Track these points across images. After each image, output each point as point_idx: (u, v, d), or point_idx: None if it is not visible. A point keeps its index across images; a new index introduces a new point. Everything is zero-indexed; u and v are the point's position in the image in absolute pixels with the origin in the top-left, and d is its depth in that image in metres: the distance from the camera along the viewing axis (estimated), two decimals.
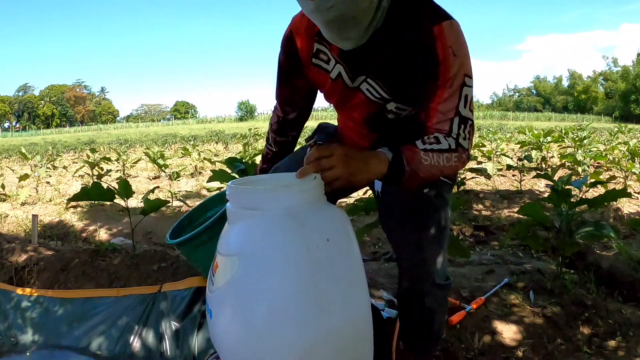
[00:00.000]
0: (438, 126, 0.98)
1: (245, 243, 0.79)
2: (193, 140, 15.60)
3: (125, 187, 2.34)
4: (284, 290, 0.76)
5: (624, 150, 6.24)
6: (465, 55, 0.96)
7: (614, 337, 1.58)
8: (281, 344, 0.76)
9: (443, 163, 0.95)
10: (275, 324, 0.76)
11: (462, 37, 0.97)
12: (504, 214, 3.85)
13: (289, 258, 0.76)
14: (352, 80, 1.08)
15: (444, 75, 0.96)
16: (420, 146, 0.94)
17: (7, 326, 1.81)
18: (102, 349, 1.68)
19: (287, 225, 0.77)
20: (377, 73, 1.05)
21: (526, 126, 12.34)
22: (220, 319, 0.83)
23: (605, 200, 1.87)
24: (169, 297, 1.71)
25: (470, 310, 1.68)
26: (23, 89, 77.19)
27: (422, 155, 0.93)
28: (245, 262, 0.78)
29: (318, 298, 0.75)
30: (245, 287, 0.78)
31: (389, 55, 1.00)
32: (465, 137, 0.98)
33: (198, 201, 4.74)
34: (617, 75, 56.21)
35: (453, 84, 0.96)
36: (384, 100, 1.08)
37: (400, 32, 0.97)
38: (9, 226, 3.94)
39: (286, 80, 1.24)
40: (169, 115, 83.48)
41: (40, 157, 9.13)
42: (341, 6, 0.85)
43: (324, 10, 0.85)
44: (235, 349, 0.81)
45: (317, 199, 0.83)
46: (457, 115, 0.97)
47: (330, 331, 0.77)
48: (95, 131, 45.03)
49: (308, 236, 0.76)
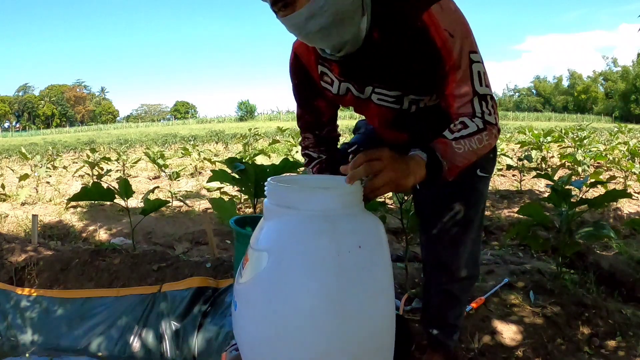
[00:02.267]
0: (460, 110, 0.96)
1: (276, 240, 0.80)
2: (193, 140, 15.59)
3: (125, 187, 2.34)
4: (308, 291, 0.75)
5: (624, 150, 6.25)
6: (464, 33, 0.93)
7: (614, 337, 1.58)
8: (298, 344, 0.76)
9: (476, 145, 0.93)
10: (295, 323, 0.76)
11: (455, 15, 0.93)
12: (504, 214, 3.86)
13: (317, 259, 0.75)
14: (361, 93, 1.08)
15: (448, 60, 0.93)
16: (450, 136, 0.92)
17: (7, 326, 1.81)
18: (101, 349, 1.68)
19: (319, 227, 0.77)
20: (382, 79, 1.04)
21: (526, 126, 12.35)
22: (243, 312, 0.84)
23: (606, 200, 1.87)
24: (168, 297, 1.71)
25: (470, 310, 1.68)
26: (23, 89, 77.22)
27: (454, 145, 0.90)
28: (274, 259, 0.78)
29: (341, 303, 0.74)
30: (270, 283, 0.78)
31: (388, 57, 0.99)
32: (490, 113, 0.96)
33: (198, 201, 4.74)
34: (617, 75, 56.22)
35: (461, 65, 0.93)
36: (398, 100, 1.07)
37: (391, 30, 0.95)
38: (9, 226, 3.94)
39: (307, 105, 1.20)
40: (169, 115, 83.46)
41: (40, 157, 9.12)
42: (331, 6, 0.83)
43: (317, 16, 0.84)
44: (253, 343, 0.82)
45: (354, 204, 0.82)
46: (475, 94, 0.95)
47: (349, 338, 0.76)
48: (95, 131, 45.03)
49: (340, 240, 0.76)
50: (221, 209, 2.21)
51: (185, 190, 5.65)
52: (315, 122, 1.24)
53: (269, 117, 52.88)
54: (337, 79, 1.07)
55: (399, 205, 1.80)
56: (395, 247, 3.03)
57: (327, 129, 1.26)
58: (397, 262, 2.45)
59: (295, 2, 0.83)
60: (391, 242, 3.23)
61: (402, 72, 1.00)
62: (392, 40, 0.96)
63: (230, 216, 2.14)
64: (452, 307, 1.31)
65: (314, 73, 1.09)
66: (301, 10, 0.83)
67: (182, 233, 3.60)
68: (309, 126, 1.26)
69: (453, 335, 1.37)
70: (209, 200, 2.57)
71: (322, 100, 1.16)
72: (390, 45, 0.97)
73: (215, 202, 2.28)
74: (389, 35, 0.96)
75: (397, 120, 1.13)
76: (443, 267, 1.25)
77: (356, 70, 1.03)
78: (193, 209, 4.38)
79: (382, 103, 1.08)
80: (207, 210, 4.18)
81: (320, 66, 1.07)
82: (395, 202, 2.28)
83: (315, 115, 1.22)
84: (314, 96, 1.15)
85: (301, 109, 1.23)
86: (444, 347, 1.39)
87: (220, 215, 2.31)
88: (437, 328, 1.35)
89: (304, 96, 1.18)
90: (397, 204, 1.81)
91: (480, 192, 1.21)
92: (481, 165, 1.19)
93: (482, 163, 1.19)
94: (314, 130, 1.26)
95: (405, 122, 1.13)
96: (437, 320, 1.36)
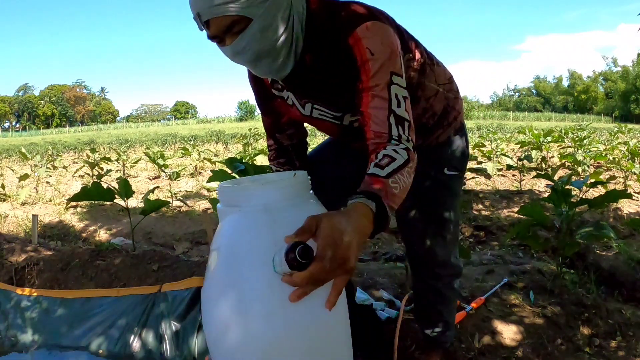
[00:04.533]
0: (376, 128, 0.90)
1: (222, 238, 0.83)
2: (193, 140, 15.60)
3: (125, 187, 2.34)
4: (251, 284, 0.78)
5: (624, 150, 6.24)
6: (387, 54, 0.90)
7: (614, 337, 1.58)
8: (249, 336, 0.78)
9: (408, 181, 0.86)
10: (243, 316, 0.78)
11: (381, 36, 0.91)
12: (504, 214, 3.86)
13: (258, 253, 0.78)
14: (302, 107, 1.08)
15: (365, 78, 0.90)
16: (381, 172, 0.82)
17: (7, 326, 1.81)
18: (101, 349, 1.68)
19: (258, 221, 0.80)
20: (318, 97, 1.04)
21: (526, 126, 12.34)
22: (205, 315, 0.87)
23: (606, 200, 1.87)
24: (169, 298, 1.71)
25: (470, 310, 1.68)
26: (23, 89, 77.23)
27: (391, 184, 0.82)
28: (222, 257, 0.82)
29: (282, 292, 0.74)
30: (218, 280, 0.82)
31: (320, 77, 0.99)
32: (408, 139, 0.90)
33: (198, 201, 4.74)
34: (617, 75, 56.22)
35: (377, 83, 0.90)
36: (337, 118, 1.07)
37: (322, 53, 0.96)
38: (9, 226, 3.94)
39: (266, 107, 1.19)
40: (169, 115, 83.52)
41: (40, 157, 9.13)
42: (253, 45, 0.87)
43: (241, 53, 0.88)
44: (213, 340, 0.85)
45: (297, 196, 0.84)
46: (392, 113, 0.89)
47: (296, 326, 0.78)
48: (95, 131, 45.03)
49: (278, 232, 0.76)
50: None
51: (185, 190, 5.65)
52: (274, 124, 1.22)
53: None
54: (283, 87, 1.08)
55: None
56: (395, 247, 3.03)
57: (288, 132, 1.22)
58: (397, 262, 2.45)
59: (224, 40, 0.88)
60: (391, 242, 3.23)
61: (334, 92, 1.01)
62: (322, 63, 0.97)
63: None
64: (439, 303, 1.34)
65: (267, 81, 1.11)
66: (227, 48, 0.88)
67: (182, 233, 3.60)
68: (270, 130, 1.24)
69: (447, 332, 1.39)
70: (209, 200, 2.58)
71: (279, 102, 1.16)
72: (321, 67, 0.97)
73: (215, 202, 2.27)
74: (320, 58, 0.96)
75: (345, 133, 1.12)
76: (423, 265, 1.30)
77: (295, 86, 1.05)
78: (193, 209, 4.38)
79: (323, 118, 1.09)
80: (207, 210, 4.18)
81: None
82: None
83: (273, 117, 1.21)
84: (271, 98, 1.15)
85: (262, 113, 1.23)
86: (439, 345, 1.41)
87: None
88: (430, 326, 1.38)
89: (262, 98, 1.18)
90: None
91: (452, 190, 1.23)
92: (448, 163, 1.22)
93: (449, 161, 1.22)
94: (274, 133, 1.24)
95: (350, 134, 1.12)
96: (428, 317, 1.39)
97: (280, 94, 1.11)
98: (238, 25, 0.84)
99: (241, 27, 0.85)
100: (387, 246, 3.10)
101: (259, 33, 0.86)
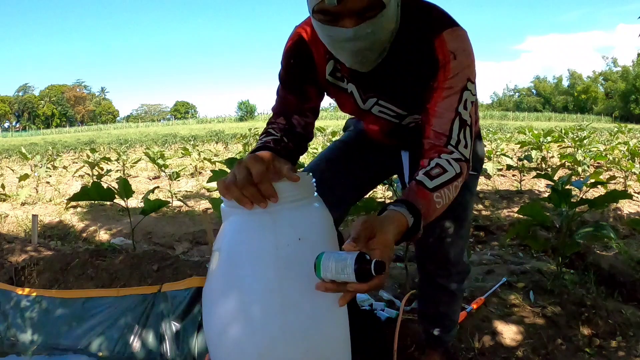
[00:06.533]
0: (438, 129, 0.92)
1: (224, 238, 0.83)
2: (193, 140, 15.59)
3: (125, 187, 2.34)
4: (250, 284, 0.78)
5: (624, 150, 6.25)
6: (467, 61, 0.94)
7: (614, 337, 1.58)
8: (245, 337, 0.78)
9: (452, 195, 0.89)
10: (240, 317, 0.78)
11: (465, 44, 0.94)
12: (504, 214, 3.86)
13: (257, 254, 0.78)
14: (363, 102, 1.08)
15: (443, 77, 0.93)
16: (429, 184, 0.85)
17: (7, 326, 1.81)
18: (102, 349, 1.68)
19: (260, 222, 0.79)
20: (388, 94, 1.04)
21: (526, 126, 12.35)
22: (205, 314, 0.87)
23: (606, 201, 1.87)
24: (169, 297, 1.71)
25: (471, 310, 1.69)
26: (23, 89, 77.20)
27: (435, 199, 0.85)
28: (223, 257, 0.81)
29: (282, 295, 0.75)
30: (220, 280, 0.81)
31: (397, 75, 1.00)
32: (466, 145, 0.93)
33: (198, 201, 4.74)
34: (617, 75, 56.22)
35: (452, 86, 0.93)
36: (399, 117, 1.08)
37: (405, 49, 0.96)
38: (9, 226, 3.94)
39: (296, 87, 1.10)
40: (169, 115, 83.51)
41: (40, 157, 9.12)
42: (376, 33, 0.84)
43: (360, 39, 0.84)
44: (212, 340, 0.85)
45: (300, 197, 0.83)
46: (457, 116, 0.92)
47: (293, 328, 0.77)
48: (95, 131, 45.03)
49: (279, 233, 0.77)
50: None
51: (185, 190, 5.65)
52: (298, 105, 1.11)
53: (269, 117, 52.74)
54: (345, 77, 1.06)
55: None
56: (394, 247, 3.03)
57: (307, 120, 1.13)
58: (397, 262, 2.45)
59: (341, 19, 0.82)
60: None
61: (408, 91, 1.02)
62: (404, 60, 0.97)
63: None
64: (447, 302, 1.34)
65: (320, 62, 1.06)
66: (346, 30, 0.83)
67: (182, 233, 3.60)
68: (288, 108, 1.11)
69: (451, 331, 1.40)
70: (209, 200, 2.58)
71: (313, 88, 1.10)
72: (403, 65, 0.98)
73: (215, 202, 2.28)
74: (404, 55, 0.97)
75: (395, 132, 1.15)
76: (437, 264, 1.29)
77: (367, 79, 1.02)
78: (193, 209, 4.38)
79: (382, 116, 1.09)
80: (207, 210, 4.18)
81: (332, 61, 1.04)
82: None
83: (300, 99, 1.11)
84: (307, 81, 1.09)
85: (286, 90, 1.11)
86: (442, 344, 1.41)
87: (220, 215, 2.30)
88: (437, 325, 1.38)
89: (296, 77, 1.09)
90: None
91: (470, 191, 1.25)
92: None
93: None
94: (292, 113, 1.12)
95: (399, 133, 1.15)
96: (436, 317, 1.38)
97: (336, 83, 1.07)
98: (371, 10, 0.82)
99: (373, 13, 0.82)
100: None
101: (385, 22, 0.84)
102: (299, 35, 1.05)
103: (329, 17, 0.83)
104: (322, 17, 0.84)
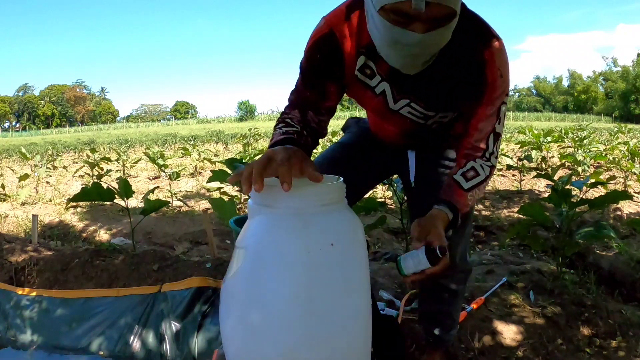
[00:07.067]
0: (476, 143, 1.03)
1: (253, 237, 0.81)
2: (193, 140, 15.58)
3: (125, 187, 2.34)
4: (278, 287, 0.76)
5: (624, 150, 6.24)
6: (508, 77, 0.99)
7: (614, 337, 1.58)
8: (268, 340, 0.77)
9: (481, 194, 1.04)
10: (265, 319, 0.77)
11: (506, 57, 0.97)
12: (504, 214, 3.86)
13: (288, 257, 0.76)
14: (394, 102, 1.06)
15: (489, 96, 0.97)
16: (465, 185, 1.00)
17: (7, 326, 1.81)
18: (102, 349, 1.69)
19: (291, 224, 0.77)
20: (423, 95, 1.04)
21: (526, 126, 12.34)
22: (223, 307, 0.85)
23: (606, 201, 1.87)
24: (169, 297, 1.71)
25: (471, 310, 1.69)
26: (23, 89, 77.22)
27: (469, 197, 1.00)
28: (250, 256, 0.79)
29: (309, 301, 0.74)
30: (246, 279, 0.79)
31: (441, 80, 0.99)
32: (496, 155, 1.05)
33: (198, 201, 4.74)
34: (617, 76, 56.20)
35: (495, 103, 0.99)
36: (426, 117, 1.09)
37: (453, 56, 0.96)
38: (9, 226, 3.94)
39: (316, 83, 1.06)
40: (169, 115, 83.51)
41: (40, 157, 9.12)
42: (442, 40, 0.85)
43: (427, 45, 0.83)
44: (231, 339, 0.83)
45: (331, 202, 0.81)
46: (493, 131, 1.02)
47: (317, 335, 0.76)
48: (95, 131, 45.02)
49: (311, 238, 0.76)
50: (221, 209, 2.22)
51: (185, 190, 5.66)
52: (315, 103, 1.07)
53: (269, 117, 52.88)
54: (381, 75, 1.02)
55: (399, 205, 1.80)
56: (395, 247, 3.03)
57: (321, 118, 1.10)
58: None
59: (413, 23, 0.80)
60: (391, 242, 3.23)
61: (446, 96, 1.03)
62: (448, 67, 0.97)
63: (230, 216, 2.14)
64: (449, 301, 1.34)
65: (348, 59, 1.02)
66: (416, 35, 0.81)
67: (182, 233, 3.60)
68: (305, 103, 1.08)
69: (452, 331, 1.40)
70: (209, 200, 2.58)
71: (334, 86, 1.07)
72: (445, 71, 0.98)
73: (215, 202, 2.28)
74: (448, 62, 0.96)
75: (417, 131, 1.15)
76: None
77: (406, 79, 1.00)
78: (193, 209, 4.38)
79: (409, 116, 1.09)
80: (207, 210, 4.18)
81: (364, 57, 1.00)
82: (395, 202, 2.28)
83: (319, 96, 1.07)
84: (329, 78, 1.05)
85: (306, 85, 1.07)
86: (443, 343, 1.41)
87: (220, 215, 2.31)
88: (437, 324, 1.38)
89: (318, 73, 1.05)
90: (397, 204, 1.81)
91: None
92: None
93: None
94: (308, 109, 1.07)
95: (419, 134, 1.16)
96: (436, 316, 1.38)
97: (366, 80, 1.04)
98: (448, 20, 0.81)
99: (446, 22, 0.81)
100: (387, 246, 3.10)
101: (449, 31, 0.84)
102: (330, 27, 0.99)
103: (402, 19, 0.80)
104: (394, 17, 0.80)
